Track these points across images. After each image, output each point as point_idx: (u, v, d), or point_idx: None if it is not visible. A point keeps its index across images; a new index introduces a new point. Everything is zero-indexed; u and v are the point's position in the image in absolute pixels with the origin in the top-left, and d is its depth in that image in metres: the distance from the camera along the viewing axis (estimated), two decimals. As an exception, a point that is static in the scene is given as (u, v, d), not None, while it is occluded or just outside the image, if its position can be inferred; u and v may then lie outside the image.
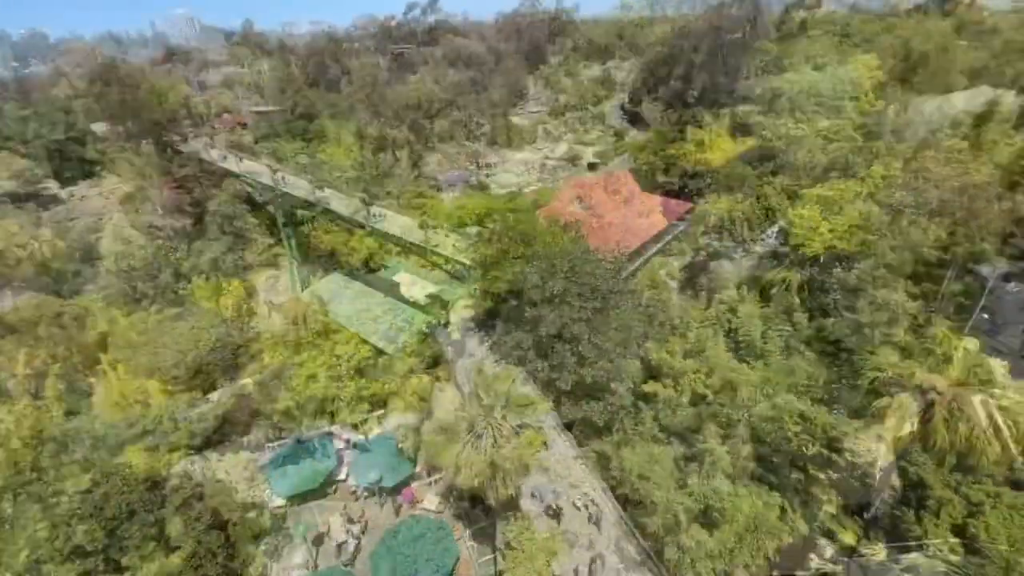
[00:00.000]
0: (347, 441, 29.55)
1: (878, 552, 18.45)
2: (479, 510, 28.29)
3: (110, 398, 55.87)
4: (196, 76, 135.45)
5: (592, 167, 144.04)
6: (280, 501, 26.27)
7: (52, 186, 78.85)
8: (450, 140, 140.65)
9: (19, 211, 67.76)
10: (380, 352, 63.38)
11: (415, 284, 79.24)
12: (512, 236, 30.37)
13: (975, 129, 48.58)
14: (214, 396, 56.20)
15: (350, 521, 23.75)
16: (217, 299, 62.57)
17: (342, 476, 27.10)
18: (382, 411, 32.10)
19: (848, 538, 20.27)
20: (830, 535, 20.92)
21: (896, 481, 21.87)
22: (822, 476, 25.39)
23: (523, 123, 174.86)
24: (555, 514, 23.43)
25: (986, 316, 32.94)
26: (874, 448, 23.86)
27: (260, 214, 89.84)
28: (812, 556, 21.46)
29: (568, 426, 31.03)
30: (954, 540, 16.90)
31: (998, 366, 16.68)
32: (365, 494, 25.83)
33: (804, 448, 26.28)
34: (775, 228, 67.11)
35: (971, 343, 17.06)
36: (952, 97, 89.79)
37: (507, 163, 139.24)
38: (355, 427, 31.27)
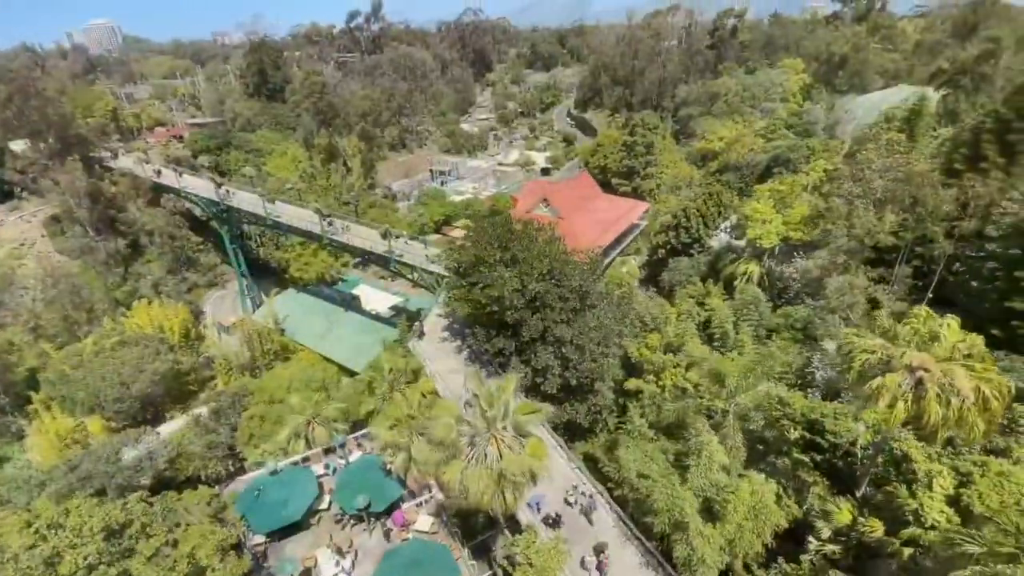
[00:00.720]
0: (326, 466, 27.75)
1: (877, 528, 19.04)
2: (471, 527, 27.33)
3: (45, 440, 50.69)
4: (122, 88, 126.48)
5: (545, 172, 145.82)
6: (260, 538, 24.25)
7: (-39, 211, 71.19)
8: (401, 148, 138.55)
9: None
10: (347, 371, 60.91)
11: (376, 297, 76.92)
12: (489, 240, 29.71)
13: (907, 123, 52.44)
14: (164, 428, 52.07)
15: (339, 553, 22.12)
16: (161, 324, 58.09)
17: (324, 504, 25.37)
18: (363, 431, 30.44)
19: (844, 517, 20.85)
20: (826, 516, 21.48)
21: (878, 459, 22.82)
22: (806, 459, 26.20)
23: (473, 130, 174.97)
24: (555, 522, 22.90)
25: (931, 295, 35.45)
26: (854, 428, 24.86)
27: (203, 231, 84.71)
28: (809, 538, 21.97)
29: (554, 430, 30.65)
30: (949, 510, 17.72)
31: (978, 340, 17.70)
32: (352, 521, 24.25)
33: (786, 432, 27.09)
34: (727, 223, 69.95)
35: (952, 320, 18.00)
36: (873, 96, 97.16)
37: (460, 170, 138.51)
38: (330, 451, 29.45)
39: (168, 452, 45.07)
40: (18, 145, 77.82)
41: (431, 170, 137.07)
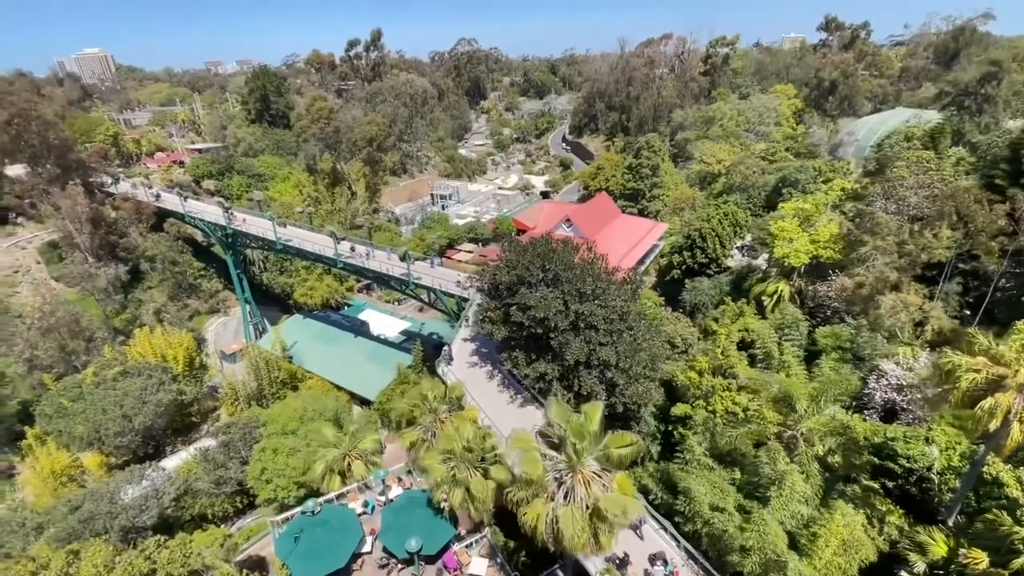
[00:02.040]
0: (365, 504, 25.60)
1: (981, 559, 17.60)
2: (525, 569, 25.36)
3: (38, 478, 47.58)
4: (120, 115, 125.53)
5: (545, 195, 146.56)
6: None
7: (-46, 237, 68.80)
8: (403, 173, 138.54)
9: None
10: (362, 400, 58.51)
11: (383, 321, 74.96)
12: (531, 260, 28.50)
13: (931, 142, 52.79)
14: (166, 463, 49.15)
15: (389, 601, 20.08)
16: (164, 353, 55.69)
17: (367, 547, 23.18)
18: (400, 464, 28.43)
19: (940, 549, 19.37)
20: (920, 548, 19.98)
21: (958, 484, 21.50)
22: (876, 485, 24.81)
23: (471, 155, 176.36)
24: (622, 563, 21.09)
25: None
26: (928, 452, 23.58)
27: (204, 257, 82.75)
28: (901, 573, 20.39)
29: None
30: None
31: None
32: (399, 566, 22.15)
33: (854, 458, 25.70)
34: (741, 243, 69.65)
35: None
36: (872, 118, 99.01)
37: (461, 194, 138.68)
38: (366, 487, 27.28)
39: (175, 489, 42.29)
40: (14, 170, 76.04)
41: (432, 194, 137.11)
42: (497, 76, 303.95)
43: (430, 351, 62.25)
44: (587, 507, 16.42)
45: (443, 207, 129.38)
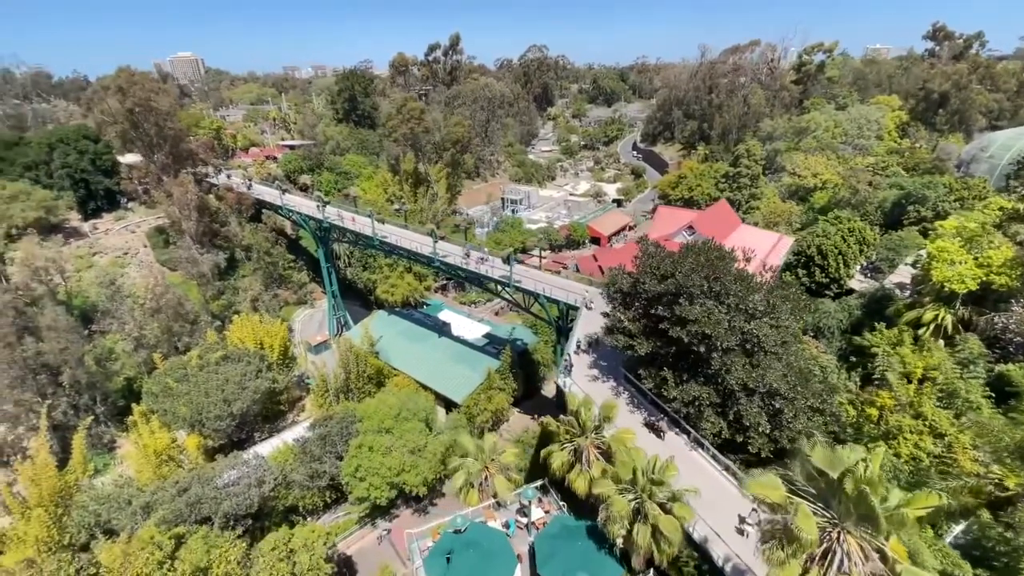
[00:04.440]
0: (505, 525, 23.36)
1: None
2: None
3: (141, 454, 48.59)
4: (216, 112, 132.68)
5: (617, 203, 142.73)
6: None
7: (73, 218, 73.30)
8: (476, 176, 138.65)
9: (45, 244, 62.02)
10: (446, 402, 57.10)
11: (464, 323, 73.67)
12: (694, 268, 25.47)
13: None
14: (260, 450, 49.12)
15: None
16: (262, 340, 56.34)
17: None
18: (538, 482, 26.02)
19: None
20: None
21: None
22: None
23: (540, 161, 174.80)
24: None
25: None
26: None
27: (293, 249, 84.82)
28: None
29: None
30: None
31: None
32: (559, 602, 19.73)
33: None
34: (863, 264, 63.16)
35: None
36: (1006, 133, 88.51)
37: (532, 199, 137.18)
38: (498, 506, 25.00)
39: (273, 479, 41.86)
40: (127, 158, 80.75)
41: (503, 198, 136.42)
42: (565, 83, 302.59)
43: (515, 357, 60.27)
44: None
45: (513, 211, 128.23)
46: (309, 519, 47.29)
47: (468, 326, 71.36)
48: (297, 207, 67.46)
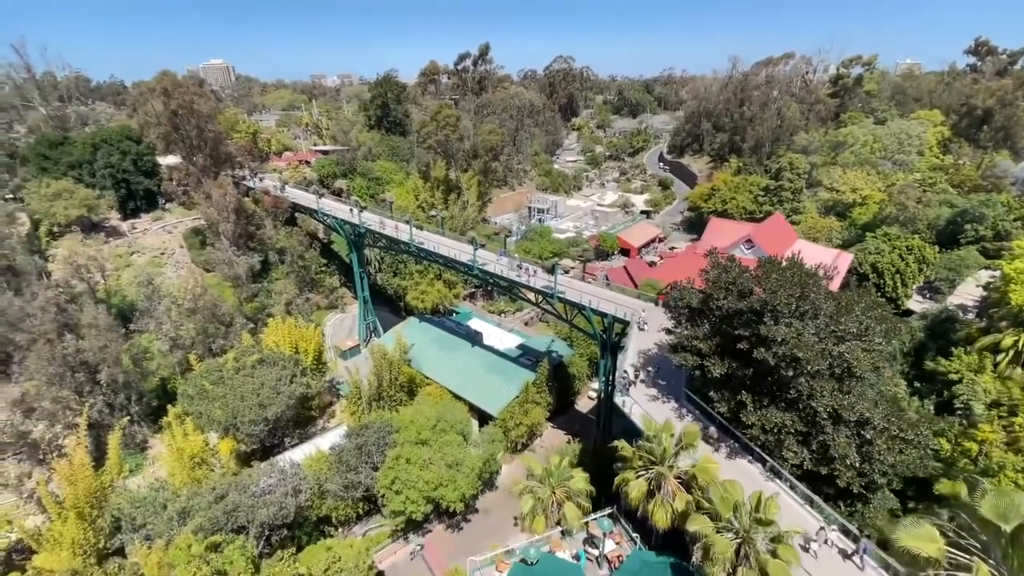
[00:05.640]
0: (576, 557, 21.77)
1: None
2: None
3: (174, 457, 47.95)
4: (250, 117, 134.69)
5: (646, 214, 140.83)
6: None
7: (113, 218, 74.19)
8: (503, 185, 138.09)
9: (88, 242, 62.65)
10: (481, 415, 55.54)
11: (495, 333, 72.31)
12: (782, 284, 23.78)
13: None
14: (292, 457, 48.13)
15: None
16: (297, 344, 55.72)
17: (589, 611, 19.33)
18: (610, 509, 24.39)
19: None
20: None
21: None
22: None
23: (565, 171, 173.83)
24: None
25: None
26: None
27: (323, 254, 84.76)
28: None
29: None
30: None
31: None
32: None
33: None
34: (920, 284, 60.26)
35: None
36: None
37: (559, 209, 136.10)
38: (557, 534, 23.27)
39: (309, 489, 40.82)
40: (167, 160, 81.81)
41: (529, 207, 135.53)
42: (590, 94, 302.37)
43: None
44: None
45: (540, 221, 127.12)
46: (340, 530, 46.19)
47: (500, 336, 70.04)
48: (332, 211, 67.21)
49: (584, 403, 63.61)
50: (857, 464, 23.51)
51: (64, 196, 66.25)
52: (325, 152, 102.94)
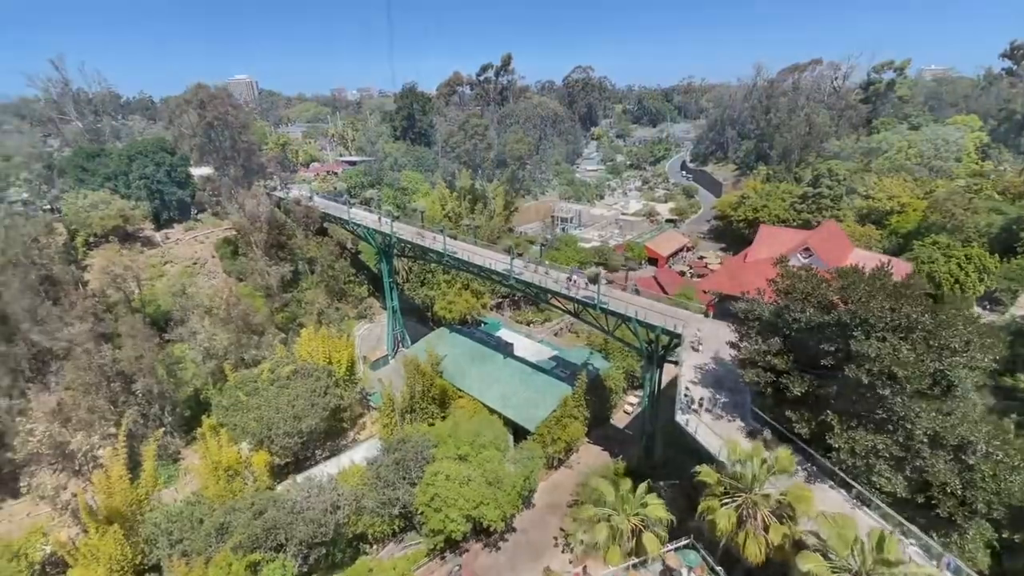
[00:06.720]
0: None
1: None
2: None
3: (208, 469, 47.22)
4: (277, 129, 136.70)
5: (671, 223, 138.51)
6: None
7: (147, 228, 74.89)
8: (526, 194, 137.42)
9: (125, 252, 63.10)
10: (515, 428, 53.85)
11: (526, 344, 70.82)
12: (872, 295, 22.03)
13: None
14: (325, 470, 47.05)
15: None
16: (330, 356, 54.95)
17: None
18: (686, 540, 22.76)
19: None
20: None
21: None
22: None
23: (587, 179, 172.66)
24: None
25: None
26: None
27: (352, 264, 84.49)
28: None
29: None
30: None
31: None
32: None
33: None
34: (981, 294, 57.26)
35: None
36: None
37: (583, 218, 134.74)
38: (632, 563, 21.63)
39: (348, 505, 39.59)
40: (199, 171, 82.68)
41: (553, 216, 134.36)
42: (609, 103, 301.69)
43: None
44: None
45: (563, 229, 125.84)
46: (375, 547, 44.81)
47: (531, 347, 68.53)
48: (363, 221, 66.81)
49: (619, 418, 61.64)
50: (959, 491, 21.50)
51: (100, 207, 67.03)
52: (352, 163, 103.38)
